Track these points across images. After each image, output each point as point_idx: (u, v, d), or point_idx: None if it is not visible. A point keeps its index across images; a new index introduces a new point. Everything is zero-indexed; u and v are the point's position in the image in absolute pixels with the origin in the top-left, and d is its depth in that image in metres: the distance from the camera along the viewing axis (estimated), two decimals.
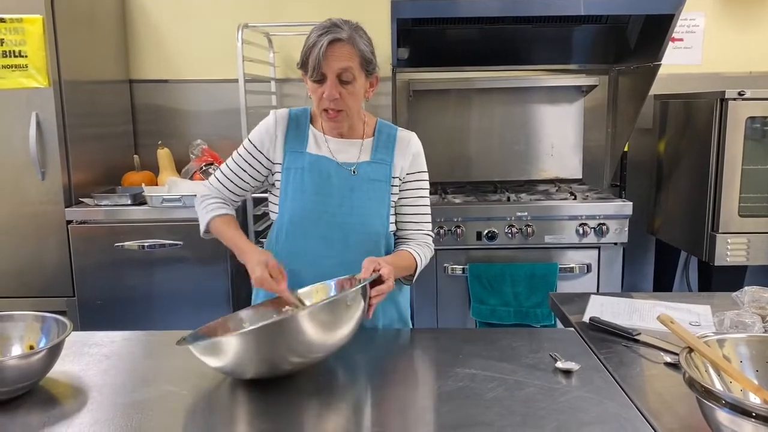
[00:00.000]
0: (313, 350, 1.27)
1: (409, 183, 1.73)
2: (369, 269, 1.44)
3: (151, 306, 2.74)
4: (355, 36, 1.57)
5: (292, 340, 1.22)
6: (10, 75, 2.60)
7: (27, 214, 2.72)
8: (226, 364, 1.26)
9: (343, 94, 1.57)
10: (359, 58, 1.57)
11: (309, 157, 1.66)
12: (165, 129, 3.35)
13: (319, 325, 1.24)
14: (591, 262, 2.81)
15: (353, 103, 1.61)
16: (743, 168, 2.60)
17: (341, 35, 1.55)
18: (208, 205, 1.71)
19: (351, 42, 1.56)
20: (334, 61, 1.55)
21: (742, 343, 1.17)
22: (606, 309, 1.70)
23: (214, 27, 3.28)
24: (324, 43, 1.53)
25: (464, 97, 3.36)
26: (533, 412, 1.17)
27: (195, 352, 1.27)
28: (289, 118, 1.71)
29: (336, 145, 1.69)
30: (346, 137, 1.70)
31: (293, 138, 1.69)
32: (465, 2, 2.65)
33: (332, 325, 1.27)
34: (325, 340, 1.27)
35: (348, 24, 1.59)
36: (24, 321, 1.40)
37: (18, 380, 1.23)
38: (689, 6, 2.67)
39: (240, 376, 1.30)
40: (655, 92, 3.07)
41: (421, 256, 1.68)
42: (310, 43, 1.57)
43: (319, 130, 1.71)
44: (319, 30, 1.57)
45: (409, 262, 1.65)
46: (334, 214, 1.64)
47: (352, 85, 1.58)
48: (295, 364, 1.27)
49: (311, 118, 1.73)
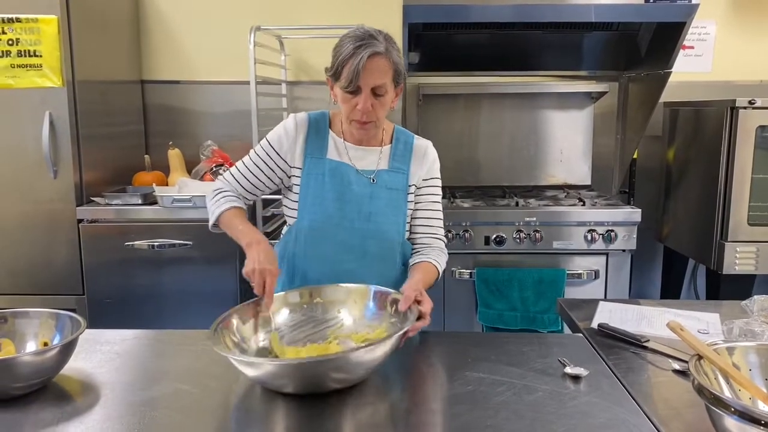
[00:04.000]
0: (353, 377, 1.28)
1: (424, 189, 1.75)
2: (410, 299, 1.42)
3: (160, 305, 2.76)
4: (390, 48, 1.57)
5: (339, 371, 1.23)
6: (25, 74, 2.63)
7: (39, 212, 2.75)
8: (265, 381, 1.27)
9: (375, 106, 1.58)
10: (393, 72, 1.58)
11: (330, 163, 1.67)
12: (176, 129, 3.37)
13: (365, 362, 1.26)
14: (599, 269, 2.81)
15: (382, 114, 1.63)
16: (753, 177, 2.60)
17: (379, 48, 1.53)
18: (220, 198, 1.69)
19: (388, 55, 1.55)
20: (371, 76, 1.53)
21: (752, 352, 1.18)
22: (614, 315, 1.71)
23: (226, 29, 3.30)
24: (364, 56, 1.51)
25: (474, 102, 3.37)
26: (542, 417, 1.17)
27: (234, 362, 1.26)
28: (309, 122, 1.71)
29: (355, 152, 1.70)
30: (365, 144, 1.71)
31: (313, 143, 1.69)
32: (476, 7, 2.66)
33: (375, 362, 1.28)
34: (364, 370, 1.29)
35: (382, 35, 1.57)
36: (39, 318, 1.41)
37: (32, 376, 1.25)
38: (700, 14, 2.67)
39: (275, 389, 1.29)
40: (664, 100, 3.07)
41: (442, 265, 1.71)
42: (345, 53, 1.53)
43: (338, 136, 1.71)
44: (355, 40, 1.54)
45: (434, 276, 1.67)
46: (353, 220, 1.65)
47: (384, 97, 1.59)
48: (335, 383, 1.27)
49: (330, 123, 1.73)
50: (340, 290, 1.55)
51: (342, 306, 1.53)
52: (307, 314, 1.52)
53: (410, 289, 1.45)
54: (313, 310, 1.53)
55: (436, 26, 3.00)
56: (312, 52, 3.31)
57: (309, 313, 1.53)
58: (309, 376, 1.23)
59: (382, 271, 1.68)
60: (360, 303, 1.52)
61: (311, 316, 1.52)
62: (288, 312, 1.52)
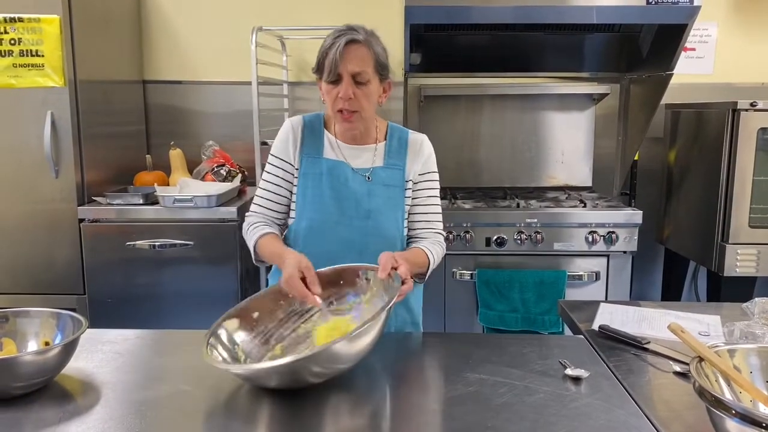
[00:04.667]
0: (339, 366, 1.28)
1: (420, 183, 1.75)
2: (387, 267, 1.41)
3: (161, 305, 2.76)
4: (371, 39, 1.61)
5: (322, 364, 1.23)
6: (27, 74, 2.63)
7: (40, 212, 2.75)
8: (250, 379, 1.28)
9: (357, 95, 1.60)
10: (374, 61, 1.61)
11: (326, 162, 1.69)
12: (177, 130, 3.37)
13: (351, 348, 1.25)
14: (600, 270, 2.81)
15: (367, 105, 1.63)
16: (754, 179, 2.60)
17: (358, 37, 1.59)
18: (253, 229, 1.69)
19: (367, 44, 1.60)
20: (350, 62, 1.58)
21: (753, 354, 1.18)
22: (615, 317, 1.71)
23: (228, 29, 3.31)
24: (341, 43, 1.56)
25: (475, 103, 3.38)
26: (543, 418, 1.17)
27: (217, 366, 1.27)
28: (303, 124, 1.74)
29: (350, 151, 1.71)
30: (360, 143, 1.72)
31: (309, 143, 1.71)
32: (478, 8, 2.66)
33: (362, 344, 1.27)
34: (354, 356, 1.28)
35: (363, 29, 1.63)
36: (40, 317, 1.41)
37: (33, 376, 1.25)
38: (702, 16, 2.67)
39: (261, 386, 1.29)
40: (666, 101, 3.07)
41: (434, 254, 1.69)
42: (326, 45, 1.61)
43: (333, 136, 1.73)
44: (335, 33, 1.61)
45: (422, 260, 1.65)
46: (351, 217, 1.66)
47: (366, 86, 1.61)
48: (319, 377, 1.27)
49: (325, 124, 1.75)
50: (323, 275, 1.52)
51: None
52: (287, 310, 1.52)
53: (385, 257, 1.44)
54: (292, 304, 1.52)
55: (438, 27, 3.00)
56: (313, 52, 3.20)
57: (288, 309, 1.51)
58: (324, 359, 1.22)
59: None
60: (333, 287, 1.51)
61: (291, 311, 1.52)
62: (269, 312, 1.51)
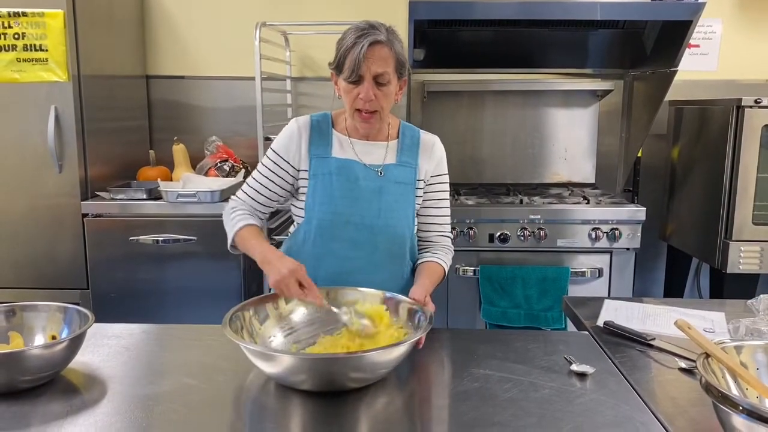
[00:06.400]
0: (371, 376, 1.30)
1: (433, 186, 1.75)
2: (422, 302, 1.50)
3: (164, 300, 2.76)
4: (392, 39, 1.59)
5: (355, 370, 1.25)
6: (31, 68, 2.63)
7: (44, 207, 2.75)
8: (281, 376, 1.28)
9: (378, 96, 1.59)
10: (395, 61, 1.59)
11: (335, 161, 1.67)
12: (181, 125, 3.37)
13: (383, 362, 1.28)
14: (603, 267, 2.81)
15: (386, 105, 1.63)
16: (758, 176, 2.60)
17: (380, 37, 1.56)
18: (235, 217, 1.68)
19: (389, 44, 1.57)
20: (373, 64, 1.55)
21: (760, 351, 1.18)
22: (620, 313, 1.71)
23: (231, 24, 3.30)
24: (365, 44, 1.53)
25: (478, 99, 3.37)
26: (549, 414, 1.18)
27: (248, 354, 1.26)
28: (311, 124, 1.71)
29: (362, 147, 1.70)
30: (372, 139, 1.71)
31: (317, 144, 1.69)
32: (481, 4, 2.66)
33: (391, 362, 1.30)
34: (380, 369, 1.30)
35: (384, 27, 1.60)
36: (47, 311, 1.42)
37: (40, 369, 1.26)
38: (707, 12, 2.66)
39: (292, 386, 1.29)
40: (670, 98, 3.06)
41: (448, 264, 1.74)
42: (347, 44, 1.56)
43: (342, 134, 1.72)
44: (356, 32, 1.57)
45: (440, 276, 1.70)
46: (362, 216, 1.65)
47: (387, 87, 1.59)
48: (353, 382, 1.28)
49: (332, 123, 1.73)
50: (356, 293, 1.55)
51: (353, 306, 1.52)
52: (321, 312, 1.51)
53: (419, 294, 1.53)
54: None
55: (442, 23, 3.00)
56: (317, 48, 3.31)
57: (321, 311, 1.52)
58: (327, 373, 1.24)
59: (392, 266, 1.69)
60: (371, 303, 1.52)
61: (322, 315, 1.52)
62: (304, 311, 1.52)
